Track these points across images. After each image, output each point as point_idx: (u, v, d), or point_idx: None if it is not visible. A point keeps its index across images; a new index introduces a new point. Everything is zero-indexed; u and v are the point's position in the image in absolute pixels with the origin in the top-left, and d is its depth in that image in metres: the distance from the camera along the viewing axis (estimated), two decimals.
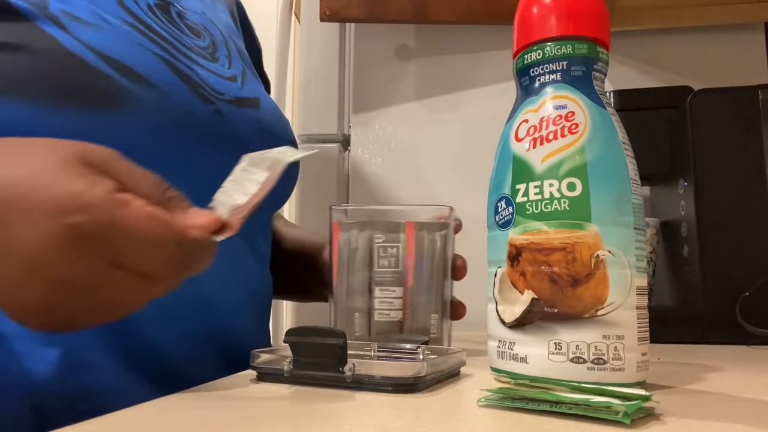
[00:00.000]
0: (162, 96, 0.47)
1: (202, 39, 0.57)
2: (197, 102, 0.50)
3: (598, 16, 0.38)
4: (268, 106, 0.60)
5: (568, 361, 0.34)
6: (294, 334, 0.38)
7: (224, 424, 0.28)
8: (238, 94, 0.56)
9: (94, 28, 0.45)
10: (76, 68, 0.43)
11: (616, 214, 0.35)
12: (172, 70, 0.49)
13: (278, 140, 0.58)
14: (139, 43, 0.47)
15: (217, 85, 0.53)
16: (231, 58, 0.60)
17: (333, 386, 0.37)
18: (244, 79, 0.59)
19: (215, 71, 0.55)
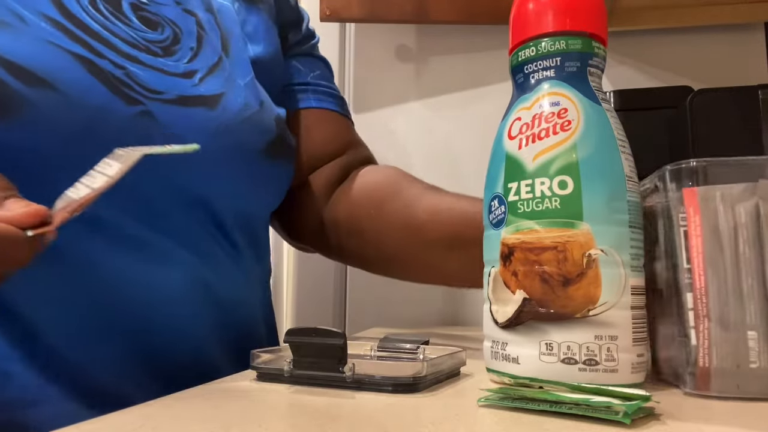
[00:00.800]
0: (66, 100, 0.44)
1: (159, 32, 0.53)
2: (117, 103, 0.46)
3: (592, 11, 0.38)
4: (234, 104, 0.54)
5: (559, 361, 0.34)
6: (294, 334, 0.38)
7: (224, 424, 0.27)
8: (186, 92, 0.51)
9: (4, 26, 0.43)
10: None
11: (610, 212, 0.34)
12: (89, 70, 0.45)
13: (241, 141, 0.54)
14: (52, 42, 0.44)
15: (154, 83, 0.49)
16: (198, 51, 0.55)
17: (333, 386, 0.37)
18: (208, 73, 0.54)
19: (160, 67, 0.51)
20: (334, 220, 0.66)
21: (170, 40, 0.53)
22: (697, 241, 0.34)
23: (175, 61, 0.52)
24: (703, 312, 0.33)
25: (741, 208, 0.33)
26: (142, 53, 0.50)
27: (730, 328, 0.33)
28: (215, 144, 0.51)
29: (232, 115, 0.54)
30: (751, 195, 0.33)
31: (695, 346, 0.33)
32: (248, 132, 0.55)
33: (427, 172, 1.09)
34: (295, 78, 0.70)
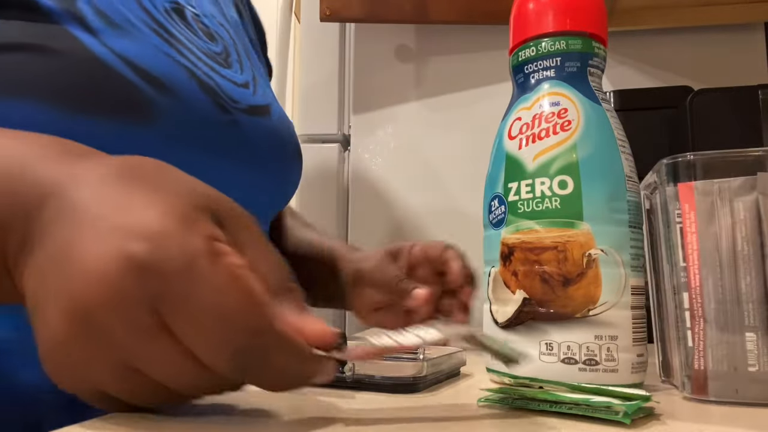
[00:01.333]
0: (185, 107, 0.46)
1: (216, 44, 0.56)
2: (216, 112, 0.49)
3: (592, 11, 0.38)
4: (277, 112, 0.59)
5: (559, 361, 0.34)
6: None
7: (224, 424, 0.27)
8: (251, 102, 0.55)
9: (120, 31, 0.44)
10: (101, 74, 0.42)
11: (610, 212, 0.35)
12: (194, 79, 0.48)
13: (286, 147, 0.59)
14: (163, 50, 0.46)
15: (233, 93, 0.52)
16: (242, 63, 0.59)
17: (333, 386, 0.36)
18: (255, 85, 0.58)
19: (230, 78, 0.54)
20: None
21: (224, 53, 0.56)
22: (692, 238, 0.33)
23: (235, 73, 0.55)
24: (698, 312, 0.33)
25: (740, 203, 0.33)
26: (215, 64, 0.52)
27: (726, 330, 0.32)
28: (274, 150, 0.56)
29: (279, 122, 0.58)
30: (750, 189, 0.33)
31: (691, 348, 0.33)
32: (288, 138, 0.59)
33: (427, 172, 1.09)
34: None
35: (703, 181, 0.33)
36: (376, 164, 1.12)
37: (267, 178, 0.56)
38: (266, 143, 0.55)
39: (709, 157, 0.33)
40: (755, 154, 0.33)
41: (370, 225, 1.10)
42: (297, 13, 1.23)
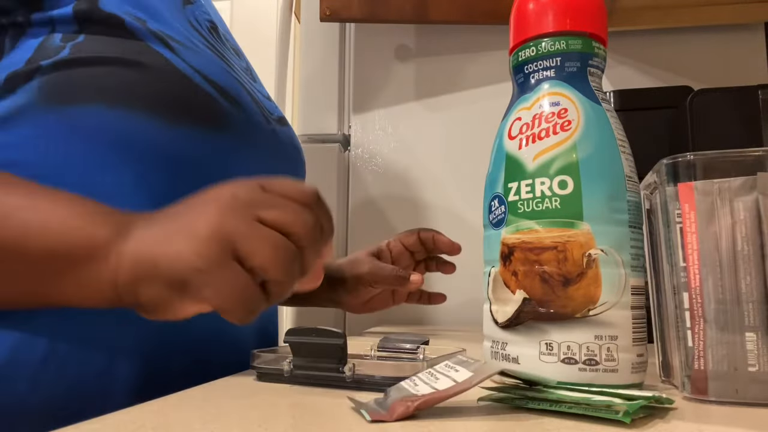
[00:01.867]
0: (247, 117, 0.52)
1: (242, 59, 0.61)
2: (264, 122, 0.55)
3: (592, 11, 0.38)
4: (289, 123, 0.67)
5: (559, 361, 0.34)
6: (294, 334, 0.38)
7: (224, 424, 0.27)
8: (277, 114, 0.61)
9: (191, 50, 0.49)
10: (186, 86, 0.46)
11: (610, 212, 0.35)
12: (247, 93, 0.53)
13: (300, 153, 0.67)
14: (221, 66, 0.52)
15: (266, 105, 0.58)
16: (257, 78, 0.65)
17: (333, 386, 0.37)
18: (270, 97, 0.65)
19: (261, 92, 0.60)
20: None
21: (248, 68, 0.62)
22: (692, 239, 0.33)
23: (260, 86, 0.62)
24: (698, 313, 0.33)
25: (740, 203, 0.33)
26: (250, 79, 0.59)
27: (726, 330, 0.32)
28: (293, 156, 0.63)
29: (292, 134, 0.65)
30: (750, 189, 0.33)
31: (691, 348, 0.33)
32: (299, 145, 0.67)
33: (427, 172, 1.09)
34: None
35: (703, 181, 0.33)
36: (375, 164, 1.12)
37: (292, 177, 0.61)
38: (291, 149, 0.62)
39: (709, 157, 0.33)
40: (755, 154, 0.33)
41: (370, 225, 1.10)
42: (297, 13, 1.23)
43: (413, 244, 0.77)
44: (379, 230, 1.10)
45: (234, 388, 0.37)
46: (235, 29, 2.11)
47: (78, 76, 0.43)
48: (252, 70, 0.64)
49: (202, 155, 0.47)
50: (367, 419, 0.28)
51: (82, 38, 0.45)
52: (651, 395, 0.29)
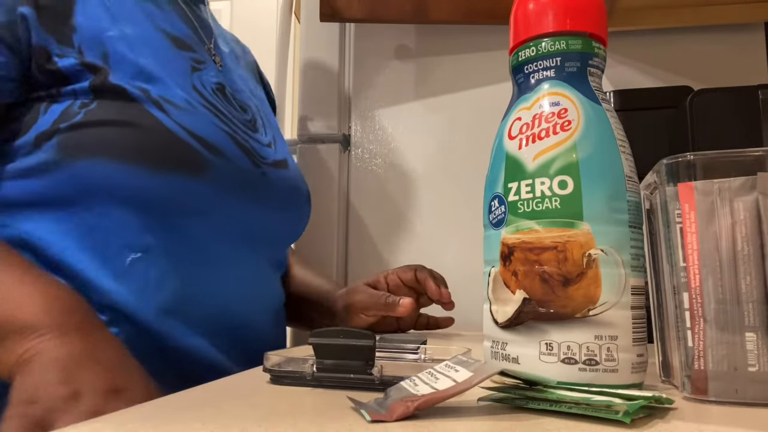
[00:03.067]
0: (231, 164, 0.62)
1: (247, 113, 0.72)
2: (252, 167, 0.65)
3: (592, 11, 0.38)
4: (292, 165, 0.76)
5: (559, 362, 0.34)
6: (319, 336, 0.37)
7: (224, 424, 0.27)
8: (275, 158, 0.71)
9: (184, 111, 0.59)
10: (173, 143, 0.57)
11: (610, 212, 0.34)
12: (235, 143, 0.64)
13: (301, 194, 0.76)
14: (213, 122, 0.62)
15: (261, 151, 0.68)
16: (266, 127, 0.75)
17: (360, 388, 0.36)
18: (275, 144, 0.74)
19: (258, 140, 0.70)
20: None
21: (252, 120, 0.72)
22: (692, 239, 0.33)
23: (261, 136, 0.72)
24: (698, 313, 0.33)
25: (740, 203, 0.33)
26: (248, 130, 0.69)
27: (726, 330, 0.32)
28: (293, 197, 0.73)
29: (294, 173, 0.75)
30: (750, 189, 0.33)
31: (691, 348, 0.33)
32: (302, 186, 0.77)
33: (427, 172, 1.09)
34: None
35: (703, 181, 0.33)
36: (375, 164, 1.12)
37: (287, 217, 0.72)
38: (286, 190, 0.71)
39: (709, 157, 0.33)
40: (755, 154, 0.33)
41: (370, 225, 1.10)
42: (297, 13, 1.23)
43: (410, 280, 0.80)
44: (379, 230, 1.10)
45: (234, 388, 0.37)
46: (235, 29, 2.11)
47: (87, 135, 0.55)
48: (260, 120, 0.74)
49: (182, 197, 0.57)
50: (367, 419, 0.28)
51: (94, 105, 0.56)
52: (651, 395, 0.29)
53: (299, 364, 0.38)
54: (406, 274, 0.80)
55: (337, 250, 1.09)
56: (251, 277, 0.67)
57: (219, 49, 0.75)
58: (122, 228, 0.55)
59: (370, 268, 1.08)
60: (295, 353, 0.41)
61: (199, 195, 0.59)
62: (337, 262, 1.09)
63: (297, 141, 1.15)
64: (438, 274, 0.81)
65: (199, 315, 0.58)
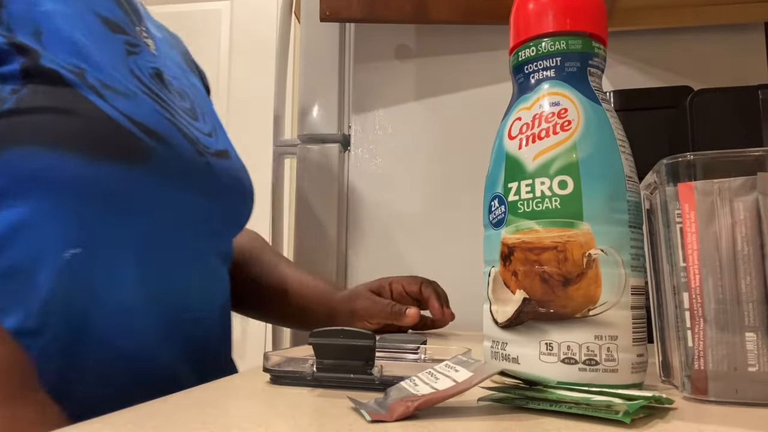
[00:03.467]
0: (173, 151, 0.58)
1: (186, 101, 0.68)
2: (195, 156, 0.61)
3: (592, 11, 0.38)
4: (234, 155, 0.72)
5: (559, 362, 0.34)
6: (319, 336, 0.37)
7: (224, 424, 0.27)
8: (216, 148, 0.67)
9: (123, 96, 0.56)
10: (113, 130, 0.53)
11: (610, 212, 0.35)
12: (177, 130, 0.60)
13: (243, 184, 0.71)
14: (154, 109, 0.58)
15: (203, 140, 0.65)
16: (205, 116, 0.71)
17: (360, 388, 0.36)
18: (216, 133, 0.70)
19: (200, 129, 0.66)
20: None
21: (192, 108, 0.68)
22: (692, 239, 0.33)
23: (201, 124, 0.68)
24: (698, 313, 0.33)
25: (740, 203, 0.33)
26: (189, 118, 0.65)
27: (726, 330, 0.32)
28: (235, 187, 0.69)
29: (236, 164, 0.71)
30: (750, 189, 0.33)
31: (691, 348, 0.33)
32: (245, 177, 0.72)
33: (427, 172, 1.09)
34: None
35: (703, 181, 0.33)
36: (375, 164, 1.12)
37: (231, 209, 0.69)
38: (230, 181, 0.67)
39: (709, 157, 0.33)
40: (755, 154, 0.33)
41: (370, 225, 1.10)
42: (297, 13, 1.23)
43: (414, 293, 0.79)
44: (379, 230, 1.10)
45: (234, 389, 0.37)
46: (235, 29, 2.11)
47: (17, 123, 0.51)
48: (198, 109, 0.70)
49: (123, 187, 0.54)
50: (367, 419, 0.28)
51: (25, 90, 0.52)
52: (651, 395, 0.29)
53: (299, 364, 0.38)
54: (411, 286, 0.79)
55: (336, 250, 1.09)
56: (199, 269, 0.64)
57: (151, 33, 0.70)
58: (59, 221, 0.51)
59: (370, 269, 1.08)
60: (295, 353, 0.41)
61: (142, 184, 0.55)
62: (337, 261, 1.09)
63: (297, 141, 1.15)
64: (442, 290, 0.81)
65: (144, 310, 0.56)
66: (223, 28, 2.08)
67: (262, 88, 1.98)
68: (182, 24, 2.09)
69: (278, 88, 1.19)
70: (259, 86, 1.99)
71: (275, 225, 1.16)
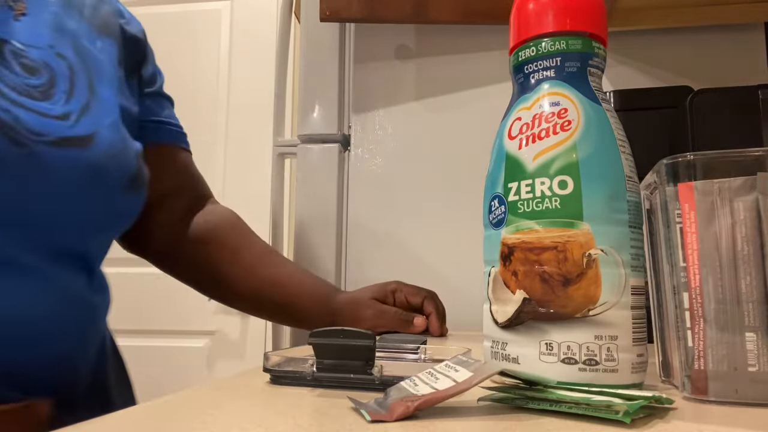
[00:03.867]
0: None
1: (38, 76, 0.57)
2: (7, 146, 0.51)
3: (592, 11, 0.38)
4: (104, 141, 0.60)
5: (559, 362, 0.34)
6: (319, 336, 0.37)
7: (224, 424, 0.27)
8: (64, 134, 0.56)
9: None
10: None
11: (610, 212, 0.35)
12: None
13: (107, 177, 0.59)
14: None
15: (37, 126, 0.54)
16: (73, 92, 0.60)
17: (360, 388, 0.36)
18: (81, 115, 0.59)
19: (41, 111, 0.55)
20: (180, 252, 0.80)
21: (47, 84, 0.58)
22: (692, 239, 0.33)
23: (53, 104, 0.57)
24: (698, 313, 0.33)
25: (740, 203, 0.33)
26: (25, 98, 0.55)
27: (726, 330, 0.32)
28: (90, 182, 0.58)
29: (102, 152, 0.59)
30: (750, 189, 0.33)
31: (691, 348, 0.33)
32: (114, 168, 0.61)
33: (427, 172, 1.09)
34: (148, 115, 0.77)
35: (703, 181, 0.33)
36: (375, 164, 1.12)
37: (74, 206, 0.58)
38: (77, 172, 0.56)
39: (709, 157, 0.33)
40: (755, 154, 0.33)
41: (370, 225, 1.10)
42: (297, 13, 1.23)
43: (417, 305, 0.79)
44: (379, 231, 1.10)
45: (234, 389, 0.37)
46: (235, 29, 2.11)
47: None
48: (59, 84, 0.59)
49: None
50: (367, 419, 0.28)
51: None
52: (651, 395, 0.29)
53: (299, 364, 0.38)
54: (414, 298, 0.79)
55: (336, 250, 1.09)
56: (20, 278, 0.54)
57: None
58: None
59: (370, 269, 1.08)
60: (295, 353, 0.41)
61: None
62: (336, 262, 1.09)
63: (297, 141, 1.15)
64: (442, 306, 0.81)
65: None
66: (223, 28, 2.08)
67: (262, 88, 1.98)
68: (182, 24, 2.09)
69: (278, 88, 1.19)
70: (259, 86, 1.99)
71: (275, 225, 1.16)
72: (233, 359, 1.95)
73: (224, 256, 0.78)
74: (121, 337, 0.76)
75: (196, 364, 1.96)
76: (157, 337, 1.97)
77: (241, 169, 2.00)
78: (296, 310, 0.80)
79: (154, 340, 1.96)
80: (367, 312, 0.76)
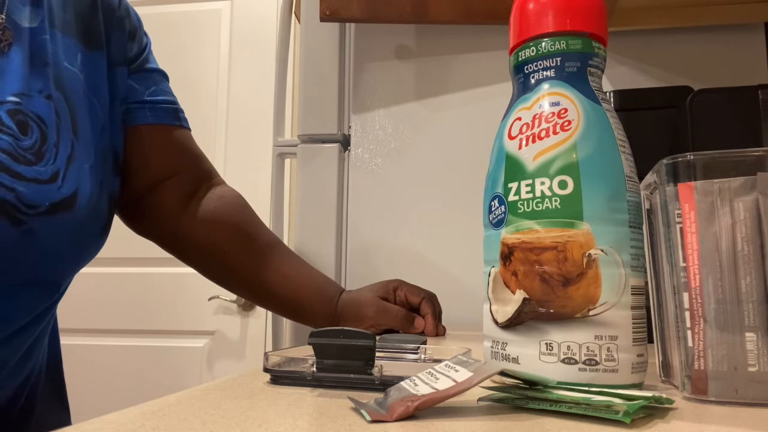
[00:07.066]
0: None
1: (30, 135, 0.55)
2: (6, 227, 0.51)
3: (592, 11, 0.38)
4: (85, 197, 0.59)
5: (559, 361, 0.34)
6: (319, 336, 0.37)
7: (224, 424, 0.27)
8: (54, 199, 0.55)
9: None
10: None
11: (610, 212, 0.35)
12: None
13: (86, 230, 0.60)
14: None
15: (33, 197, 0.53)
16: (59, 142, 0.58)
17: (360, 388, 0.36)
18: (67, 169, 0.58)
19: (36, 178, 0.54)
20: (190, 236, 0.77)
21: (39, 142, 0.56)
22: (692, 239, 0.33)
23: (44, 166, 0.55)
24: (698, 313, 0.33)
25: (740, 203, 0.33)
26: (23, 166, 0.53)
27: (726, 330, 0.32)
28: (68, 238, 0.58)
29: (83, 209, 0.59)
30: (750, 189, 0.33)
31: (691, 348, 0.33)
32: (91, 221, 0.61)
33: (427, 172, 1.10)
34: (132, 97, 0.73)
35: (703, 181, 0.33)
36: (375, 164, 1.12)
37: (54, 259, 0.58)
38: (61, 237, 0.56)
39: (709, 157, 0.33)
40: (755, 154, 0.33)
41: (370, 225, 1.10)
42: (297, 13, 1.23)
43: (415, 304, 0.80)
44: (379, 230, 1.10)
45: (234, 389, 0.37)
46: (235, 29, 2.11)
47: None
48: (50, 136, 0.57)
49: None
50: (367, 419, 0.28)
51: None
52: (651, 395, 0.29)
53: (299, 364, 0.38)
54: (414, 297, 0.80)
55: (336, 250, 1.09)
56: None
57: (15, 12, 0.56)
58: None
59: (369, 269, 1.08)
60: (295, 353, 0.41)
61: None
62: (336, 261, 1.09)
63: (297, 141, 1.15)
64: (439, 307, 0.82)
65: None
66: (223, 28, 2.08)
67: (262, 88, 1.98)
68: (182, 24, 2.09)
69: (278, 88, 1.19)
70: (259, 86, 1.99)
71: (275, 225, 1.16)
72: (233, 359, 1.95)
73: (235, 244, 0.77)
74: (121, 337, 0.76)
75: (195, 364, 1.95)
76: (157, 337, 1.97)
77: (241, 169, 2.00)
78: (303, 304, 0.79)
79: (154, 340, 1.96)
80: (369, 310, 0.77)
